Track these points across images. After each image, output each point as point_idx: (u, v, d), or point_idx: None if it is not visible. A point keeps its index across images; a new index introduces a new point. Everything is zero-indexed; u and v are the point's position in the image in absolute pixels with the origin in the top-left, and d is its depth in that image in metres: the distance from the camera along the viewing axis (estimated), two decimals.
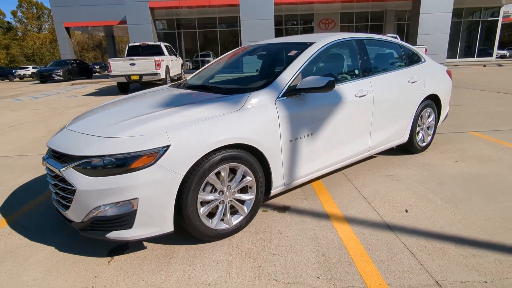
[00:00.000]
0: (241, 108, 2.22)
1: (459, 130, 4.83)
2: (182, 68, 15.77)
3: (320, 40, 2.84)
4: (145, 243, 2.22)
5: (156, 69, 11.33)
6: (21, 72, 29.73)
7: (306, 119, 2.51)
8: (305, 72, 2.66)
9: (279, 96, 2.40)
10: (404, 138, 3.57)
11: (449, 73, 4.15)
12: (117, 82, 11.75)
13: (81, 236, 2.29)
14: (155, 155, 1.86)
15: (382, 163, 3.59)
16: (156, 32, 19.26)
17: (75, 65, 20.81)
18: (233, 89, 2.61)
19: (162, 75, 11.57)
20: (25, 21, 67.38)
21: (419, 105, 3.59)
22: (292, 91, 2.45)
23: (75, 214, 1.96)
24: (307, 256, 2.01)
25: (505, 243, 2.05)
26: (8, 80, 29.08)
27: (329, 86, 2.35)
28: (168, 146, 1.89)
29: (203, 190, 2.07)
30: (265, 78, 2.64)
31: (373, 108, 3.03)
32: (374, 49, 3.42)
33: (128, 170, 1.83)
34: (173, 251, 2.12)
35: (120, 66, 11.18)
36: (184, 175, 1.92)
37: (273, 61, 3.39)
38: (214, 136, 2.01)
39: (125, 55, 12.96)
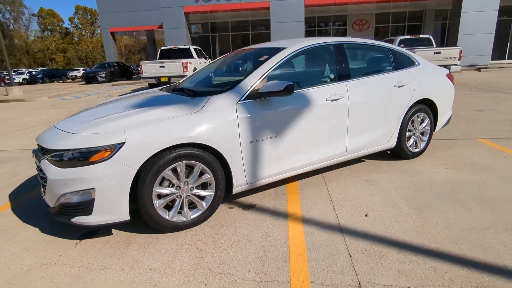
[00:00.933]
0: (200, 110, 2.39)
1: (467, 136, 4.59)
2: None
3: (292, 45, 2.93)
4: (113, 230, 2.47)
5: (184, 71, 11.88)
6: (73, 73, 32.43)
7: (271, 121, 2.62)
8: (277, 76, 2.77)
9: (241, 99, 2.53)
10: (391, 143, 3.51)
11: (449, 77, 3.98)
12: (148, 84, 12.49)
13: (56, 220, 2.59)
14: (111, 150, 2.09)
15: (367, 167, 3.56)
16: (190, 36, 20.06)
17: (116, 67, 22.32)
18: (200, 92, 2.78)
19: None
20: (80, 26, 73.27)
21: (408, 109, 3.52)
22: (256, 95, 2.57)
23: (49, 199, 2.25)
24: (248, 251, 2.13)
25: (451, 252, 2.01)
26: (61, 81, 31.84)
27: (288, 90, 2.45)
28: (124, 143, 2.11)
29: (160, 184, 2.27)
30: (236, 82, 2.78)
31: (348, 112, 3.04)
32: (357, 53, 3.41)
33: (88, 163, 2.08)
34: (133, 238, 2.34)
35: (150, 68, 11.88)
36: (137, 169, 2.13)
37: (249, 65, 3.49)
38: (168, 135, 2.20)
39: (157, 58, 13.72)
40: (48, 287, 1.86)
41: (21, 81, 29.66)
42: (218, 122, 2.39)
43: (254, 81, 2.61)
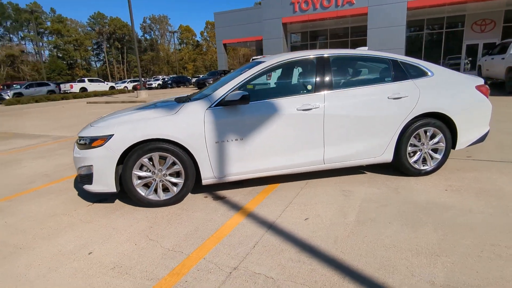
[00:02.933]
0: (175, 113, 3.00)
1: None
2: None
3: (270, 59, 3.24)
4: (117, 200, 3.31)
5: (267, 79, 12.71)
6: (195, 80, 37.72)
7: (237, 126, 3.03)
8: (252, 88, 3.16)
9: (211, 106, 3.03)
10: (385, 156, 3.38)
11: (481, 88, 3.51)
12: None
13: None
14: (105, 139, 2.91)
15: (360, 179, 3.51)
16: (289, 45, 20.93)
17: (223, 74, 25.07)
18: (193, 99, 3.36)
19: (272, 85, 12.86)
20: (208, 39, 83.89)
21: (409, 123, 3.32)
22: (225, 103, 3.02)
23: (76, 171, 3.24)
24: (185, 229, 2.62)
25: (346, 262, 2.06)
26: (185, 86, 37.42)
27: (244, 99, 2.85)
28: (113, 135, 2.90)
29: (140, 168, 2.98)
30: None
31: (324, 122, 3.15)
32: (348, 65, 3.43)
33: (91, 147, 2.95)
34: (121, 207, 3.12)
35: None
36: (120, 154, 2.89)
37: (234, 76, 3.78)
38: (144, 131, 2.89)
39: None
40: (55, 225, 2.78)
41: (156, 85, 36.29)
42: (187, 124, 2.96)
43: (225, 91, 3.07)
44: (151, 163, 2.99)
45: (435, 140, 3.44)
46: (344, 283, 1.86)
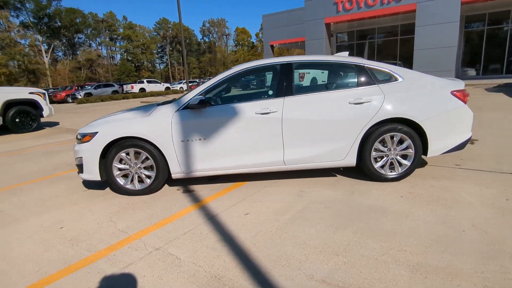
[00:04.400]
0: (148, 115, 3.45)
1: (499, 169, 3.56)
2: None
3: (235, 67, 3.51)
4: (107, 189, 3.88)
5: (300, 81, 12.81)
6: None
7: (201, 127, 3.37)
8: (218, 93, 3.48)
9: (179, 109, 3.41)
10: (348, 160, 3.43)
11: (458, 94, 3.36)
12: None
13: None
14: (92, 136, 3.47)
15: (323, 181, 3.61)
16: (333, 45, 20.53)
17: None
18: (163, 102, 3.77)
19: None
20: (263, 40, 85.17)
21: (372, 128, 3.33)
22: (190, 107, 3.39)
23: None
24: (142, 215, 3.04)
25: (252, 254, 2.28)
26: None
27: (201, 103, 3.21)
28: (97, 133, 3.44)
29: (119, 162, 3.49)
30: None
31: (282, 125, 3.33)
32: (312, 71, 3.53)
33: (82, 142, 3.53)
34: (106, 194, 3.67)
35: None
36: (101, 149, 3.42)
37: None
38: (121, 130, 3.38)
39: None
40: (50, 204, 3.42)
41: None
42: (156, 124, 3.38)
43: (192, 96, 3.43)
44: (128, 157, 3.48)
45: (403, 146, 3.39)
46: (236, 269, 2.10)
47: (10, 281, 2.12)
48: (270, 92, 3.46)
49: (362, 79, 3.43)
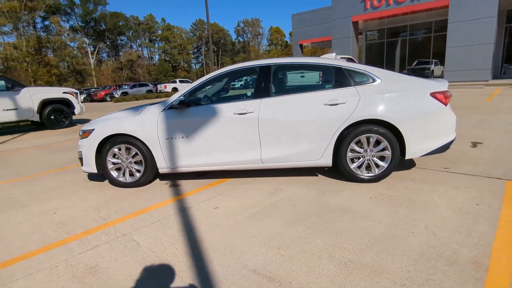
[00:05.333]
0: (138, 114, 3.75)
1: (489, 174, 3.41)
2: None
3: (218, 70, 3.70)
4: (106, 181, 4.25)
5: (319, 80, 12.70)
6: None
7: (183, 126, 3.61)
8: (201, 94, 3.70)
9: (165, 109, 3.67)
10: (324, 160, 3.49)
11: (438, 96, 3.30)
12: None
13: None
14: (89, 132, 3.84)
15: (301, 180, 3.70)
16: (363, 44, 19.98)
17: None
18: (154, 103, 4.05)
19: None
20: (293, 39, 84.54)
21: (347, 129, 3.37)
22: (175, 107, 3.64)
23: None
24: (127, 204, 3.33)
25: (203, 243, 2.46)
26: None
27: (181, 104, 3.45)
28: (94, 130, 3.81)
29: (113, 156, 3.84)
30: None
31: (259, 125, 3.47)
32: (289, 73, 3.62)
33: (82, 137, 3.93)
34: (103, 185, 4.03)
35: (292, 78, 13.47)
36: (97, 145, 3.78)
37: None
38: (113, 128, 3.72)
39: None
40: (54, 193, 3.85)
41: (239, 86, 38.71)
42: (144, 122, 3.67)
43: (175, 97, 3.68)
44: (120, 152, 3.81)
45: (380, 147, 3.39)
46: (183, 256, 2.29)
47: None
48: (249, 94, 3.61)
49: (339, 80, 3.47)
